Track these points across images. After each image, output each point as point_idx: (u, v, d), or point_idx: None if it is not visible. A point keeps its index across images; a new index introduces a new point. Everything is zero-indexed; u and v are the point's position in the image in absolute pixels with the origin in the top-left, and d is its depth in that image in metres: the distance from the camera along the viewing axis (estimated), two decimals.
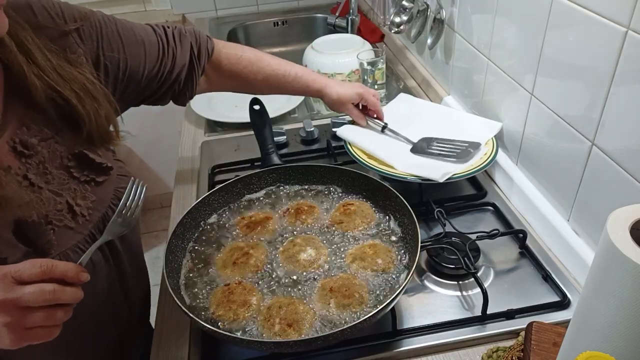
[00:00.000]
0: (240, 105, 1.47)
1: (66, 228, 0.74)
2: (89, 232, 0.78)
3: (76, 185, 0.77)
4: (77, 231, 0.76)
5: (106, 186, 0.81)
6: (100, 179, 0.80)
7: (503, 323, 0.80)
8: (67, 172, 0.76)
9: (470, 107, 1.25)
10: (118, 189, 0.83)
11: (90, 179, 0.79)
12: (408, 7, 1.41)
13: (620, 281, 0.47)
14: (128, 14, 2.22)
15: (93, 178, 0.79)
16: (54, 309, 0.59)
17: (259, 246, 0.87)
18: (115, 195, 0.83)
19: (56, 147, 0.75)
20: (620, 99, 0.73)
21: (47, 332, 0.60)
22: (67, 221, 0.74)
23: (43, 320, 0.58)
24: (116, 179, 0.84)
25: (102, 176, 0.81)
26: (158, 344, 0.84)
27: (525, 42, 0.95)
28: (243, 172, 1.01)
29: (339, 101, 1.10)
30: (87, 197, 0.78)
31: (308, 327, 0.73)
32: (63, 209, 0.74)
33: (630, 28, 0.69)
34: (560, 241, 0.90)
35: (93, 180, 0.79)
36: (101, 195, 0.80)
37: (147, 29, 0.92)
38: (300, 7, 2.27)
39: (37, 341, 0.59)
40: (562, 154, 0.90)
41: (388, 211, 0.91)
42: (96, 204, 0.79)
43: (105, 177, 0.81)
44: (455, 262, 0.87)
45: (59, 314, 0.60)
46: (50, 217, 0.72)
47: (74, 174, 0.77)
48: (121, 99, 0.87)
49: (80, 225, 0.76)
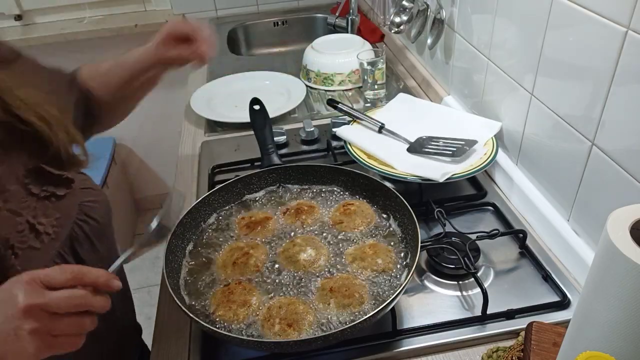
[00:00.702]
0: (240, 105, 1.47)
1: (31, 249, 0.68)
2: (57, 252, 0.72)
3: (35, 203, 0.71)
4: (43, 252, 0.70)
5: (69, 200, 0.76)
6: (60, 192, 0.74)
7: (503, 323, 0.80)
8: (24, 188, 0.70)
9: (470, 107, 1.25)
10: (84, 203, 0.78)
11: (50, 194, 0.73)
12: (408, 7, 1.41)
13: (620, 281, 0.47)
14: (128, 14, 2.22)
15: (53, 192, 0.73)
16: (81, 316, 0.57)
17: (259, 246, 0.87)
18: (81, 211, 0.77)
19: (11, 163, 0.70)
20: (620, 99, 0.73)
21: (72, 342, 0.57)
22: (31, 241, 0.69)
23: (70, 328, 0.56)
24: (80, 193, 0.79)
25: (63, 189, 0.75)
26: (158, 344, 0.84)
27: (525, 42, 0.95)
28: (243, 172, 1.01)
29: (156, 44, 0.98)
30: (49, 214, 0.72)
31: (308, 327, 0.73)
32: (24, 229, 0.68)
33: (630, 28, 0.69)
34: (560, 241, 0.90)
35: (53, 194, 0.73)
36: (65, 211, 0.75)
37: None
38: (300, 7, 2.27)
39: (61, 351, 0.56)
40: (562, 154, 0.90)
41: (388, 211, 0.92)
42: (61, 220, 0.73)
43: (66, 190, 0.75)
44: (455, 262, 0.87)
45: (87, 322, 0.57)
46: (12, 241, 0.66)
47: (32, 190, 0.71)
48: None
49: (47, 244, 0.70)
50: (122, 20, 2.18)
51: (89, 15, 2.21)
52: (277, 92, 1.55)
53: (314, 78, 1.58)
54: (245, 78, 1.62)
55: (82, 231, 0.77)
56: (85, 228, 0.77)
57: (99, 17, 2.21)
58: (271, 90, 1.55)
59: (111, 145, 2.51)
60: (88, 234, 0.78)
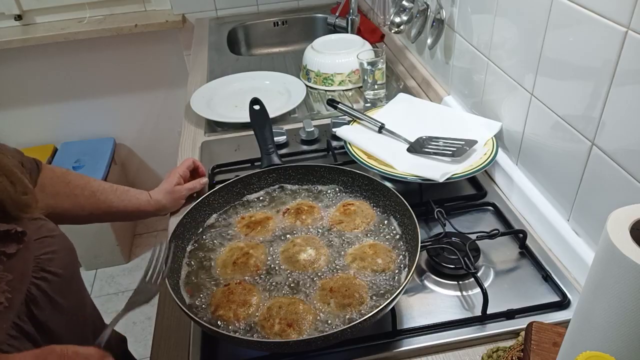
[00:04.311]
0: (240, 105, 1.48)
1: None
2: (12, 323, 0.63)
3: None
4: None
5: (22, 257, 0.66)
6: (11, 249, 0.65)
7: (503, 323, 0.80)
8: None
9: (470, 107, 1.25)
10: (40, 257, 0.69)
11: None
12: (408, 7, 1.41)
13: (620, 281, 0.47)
14: (128, 14, 2.22)
15: (2, 251, 0.64)
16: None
17: (259, 246, 0.87)
18: (37, 266, 0.68)
19: None
20: (620, 99, 0.73)
21: None
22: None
23: None
24: (35, 245, 0.69)
25: (13, 245, 0.65)
26: (158, 343, 0.84)
27: (525, 42, 0.95)
28: (243, 172, 1.01)
29: (172, 190, 1.07)
30: (0, 277, 0.63)
31: (308, 327, 0.73)
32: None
33: (630, 28, 0.69)
34: (560, 241, 0.90)
35: (2, 253, 0.64)
36: (19, 270, 0.65)
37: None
38: (300, 7, 2.27)
39: None
40: (562, 154, 0.90)
41: (388, 211, 0.92)
42: (14, 283, 0.63)
43: (17, 246, 0.66)
44: (455, 262, 0.87)
45: None
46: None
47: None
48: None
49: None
50: (122, 20, 2.18)
51: (89, 15, 2.21)
52: (277, 92, 1.55)
53: (314, 78, 1.58)
54: (245, 78, 1.62)
55: (40, 290, 0.68)
56: (44, 286, 0.69)
57: (99, 17, 2.21)
58: (271, 90, 1.55)
59: (111, 145, 2.51)
60: (47, 292, 0.70)
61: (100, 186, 1.00)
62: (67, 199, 0.95)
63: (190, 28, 2.22)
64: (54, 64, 2.33)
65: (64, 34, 2.13)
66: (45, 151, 2.46)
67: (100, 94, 2.46)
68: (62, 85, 2.39)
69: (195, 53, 1.94)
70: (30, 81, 2.36)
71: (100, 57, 2.34)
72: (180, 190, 1.08)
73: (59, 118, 2.50)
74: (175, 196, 1.08)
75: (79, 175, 0.99)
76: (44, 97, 2.43)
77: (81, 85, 2.41)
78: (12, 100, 2.40)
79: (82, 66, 2.35)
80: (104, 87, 2.44)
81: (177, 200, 1.09)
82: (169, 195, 1.07)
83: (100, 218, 1.01)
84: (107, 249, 2.41)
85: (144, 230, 2.70)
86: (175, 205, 1.09)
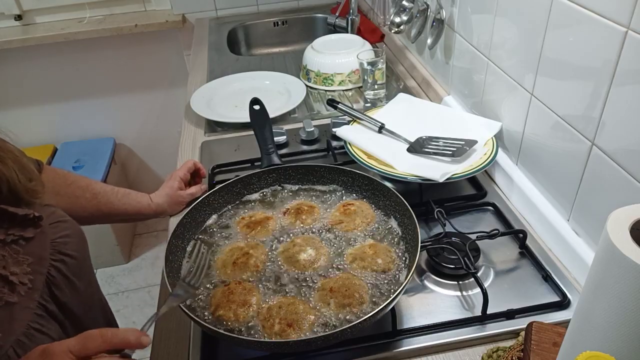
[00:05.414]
0: (240, 105, 1.48)
1: (8, 306, 0.63)
2: (38, 304, 0.66)
3: (3, 250, 0.65)
4: (23, 305, 0.64)
5: (40, 241, 0.70)
6: (29, 234, 0.68)
7: (503, 323, 0.80)
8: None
9: (470, 107, 1.25)
10: (56, 240, 0.72)
11: (18, 237, 0.67)
12: (408, 7, 1.41)
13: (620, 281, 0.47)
14: (128, 14, 2.22)
15: (21, 235, 0.67)
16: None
17: (259, 246, 0.87)
18: (55, 250, 0.72)
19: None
20: (620, 99, 0.73)
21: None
22: (7, 296, 0.63)
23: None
24: (50, 230, 0.72)
25: (31, 230, 0.69)
26: (158, 344, 0.84)
27: (525, 42, 0.95)
28: (243, 172, 1.01)
29: (173, 194, 1.08)
30: (20, 261, 0.66)
31: (308, 327, 0.73)
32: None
33: (630, 28, 0.69)
34: (560, 241, 0.90)
35: (21, 237, 0.67)
36: (38, 253, 0.69)
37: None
38: (300, 7, 2.27)
39: None
40: (562, 154, 0.90)
41: (388, 211, 0.92)
42: (35, 266, 0.67)
43: (34, 230, 0.69)
44: (455, 262, 0.87)
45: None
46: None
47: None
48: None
49: (24, 297, 0.65)
50: (122, 20, 2.18)
51: (89, 15, 2.21)
52: (277, 92, 1.55)
53: (314, 78, 1.58)
54: (245, 78, 1.62)
55: (60, 272, 0.72)
56: (62, 268, 0.72)
57: (99, 17, 2.21)
58: (271, 90, 1.55)
59: (111, 145, 2.51)
60: (66, 274, 0.73)
61: (101, 188, 1.00)
62: (68, 199, 0.95)
63: (190, 28, 2.22)
64: (54, 64, 2.33)
65: (64, 34, 2.13)
66: (45, 151, 2.46)
67: (100, 94, 2.46)
68: (62, 85, 2.39)
69: (195, 53, 1.94)
70: (30, 81, 2.36)
71: (100, 57, 2.34)
72: (182, 195, 1.09)
73: (59, 118, 2.50)
74: (177, 200, 1.08)
75: (81, 176, 1.00)
76: (44, 97, 2.42)
77: (81, 85, 2.41)
78: (12, 100, 2.40)
79: (82, 66, 2.35)
80: (103, 87, 2.44)
81: (178, 204, 1.09)
82: (170, 200, 1.08)
83: (101, 219, 1.02)
84: (107, 249, 2.41)
85: (144, 231, 2.70)
86: (175, 209, 1.09)
